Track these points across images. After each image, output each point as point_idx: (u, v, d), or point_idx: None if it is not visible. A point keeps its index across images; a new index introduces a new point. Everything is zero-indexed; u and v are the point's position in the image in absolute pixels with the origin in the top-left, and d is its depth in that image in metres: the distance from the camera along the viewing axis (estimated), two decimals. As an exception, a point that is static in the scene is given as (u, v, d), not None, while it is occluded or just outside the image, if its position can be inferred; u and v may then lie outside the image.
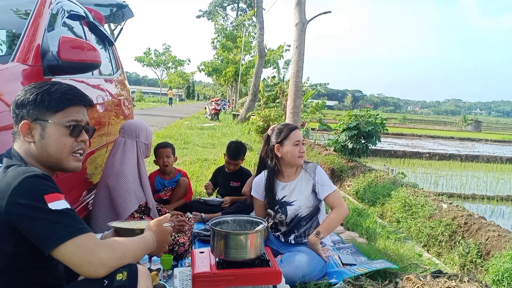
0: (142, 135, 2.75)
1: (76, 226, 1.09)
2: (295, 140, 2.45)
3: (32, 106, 1.26)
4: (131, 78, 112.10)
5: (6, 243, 1.12)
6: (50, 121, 1.28)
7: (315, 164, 2.55)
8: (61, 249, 1.05)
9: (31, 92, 1.28)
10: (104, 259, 1.09)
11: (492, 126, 49.96)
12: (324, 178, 2.49)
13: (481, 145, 19.20)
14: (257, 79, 16.43)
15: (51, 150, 1.28)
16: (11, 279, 1.15)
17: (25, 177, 1.09)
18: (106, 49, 3.51)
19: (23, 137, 1.27)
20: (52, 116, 1.28)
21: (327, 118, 15.67)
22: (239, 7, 47.71)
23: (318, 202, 2.50)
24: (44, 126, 1.27)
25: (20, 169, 1.14)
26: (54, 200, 1.09)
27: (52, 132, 1.28)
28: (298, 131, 2.51)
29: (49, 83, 1.34)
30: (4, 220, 1.07)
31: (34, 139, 1.27)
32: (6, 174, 1.13)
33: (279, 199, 2.50)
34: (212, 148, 8.34)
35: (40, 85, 1.32)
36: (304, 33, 6.68)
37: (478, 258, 3.22)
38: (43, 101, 1.27)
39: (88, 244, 1.08)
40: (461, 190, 7.41)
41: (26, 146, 1.28)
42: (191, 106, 41.27)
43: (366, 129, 6.87)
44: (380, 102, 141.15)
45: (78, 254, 1.06)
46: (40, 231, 1.06)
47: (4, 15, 2.25)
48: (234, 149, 3.61)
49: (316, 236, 2.32)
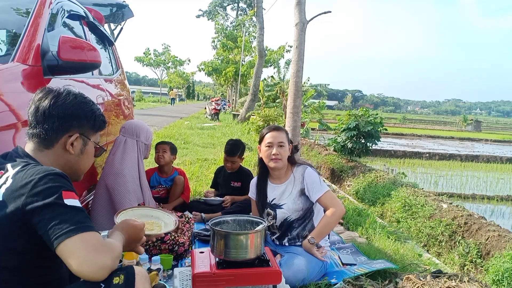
0: (143, 135, 2.76)
1: (86, 223, 1.10)
2: (266, 141, 2.42)
3: (85, 122, 1.33)
4: (131, 78, 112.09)
5: (16, 241, 1.12)
6: (91, 140, 1.37)
7: (304, 167, 2.46)
8: (68, 244, 1.04)
9: (80, 107, 1.32)
10: (106, 262, 1.08)
11: (492, 126, 49.96)
12: (314, 180, 2.40)
13: (481, 145, 19.20)
14: (257, 79, 16.42)
15: (82, 165, 1.38)
16: (17, 278, 1.15)
17: (46, 174, 1.12)
18: (106, 49, 3.51)
19: (62, 147, 1.29)
20: (93, 135, 1.38)
21: (327, 118, 15.69)
22: (239, 7, 47.71)
23: (309, 204, 2.45)
24: (86, 142, 1.35)
25: (40, 167, 1.16)
26: (70, 197, 1.11)
27: (90, 150, 1.38)
28: (273, 132, 2.42)
29: (88, 100, 1.38)
30: (20, 216, 1.09)
31: (74, 151, 1.31)
32: (26, 171, 1.14)
33: (270, 201, 2.50)
34: (212, 148, 8.34)
35: (89, 101, 1.37)
36: (304, 33, 6.67)
37: (478, 258, 3.22)
38: (94, 120, 1.36)
39: (95, 243, 1.08)
40: (461, 190, 7.42)
41: (57, 155, 1.29)
42: (191, 106, 41.26)
43: (365, 129, 6.87)
44: (380, 102, 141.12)
45: (83, 251, 1.05)
46: (52, 223, 1.06)
47: (4, 15, 2.25)
48: (231, 145, 3.61)
49: (310, 243, 2.31)
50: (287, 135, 2.50)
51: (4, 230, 1.11)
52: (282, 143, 2.41)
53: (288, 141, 2.47)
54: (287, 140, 2.46)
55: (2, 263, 1.12)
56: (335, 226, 2.46)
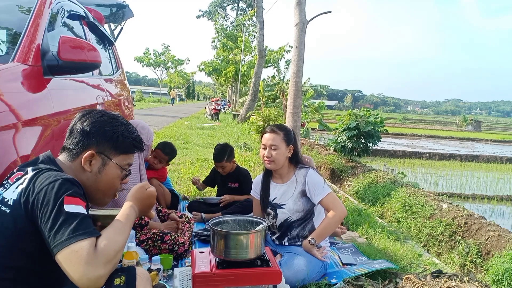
0: (143, 135, 2.75)
1: (81, 231, 1.06)
2: (262, 143, 2.44)
3: (104, 140, 1.31)
4: (131, 78, 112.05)
5: (28, 242, 1.13)
6: (113, 161, 1.33)
7: (307, 169, 2.45)
8: (62, 255, 1.03)
9: (102, 125, 1.31)
10: (99, 273, 1.03)
11: (492, 126, 49.95)
12: (317, 182, 2.39)
13: (481, 145, 19.21)
14: (257, 79, 16.43)
15: (101, 186, 1.33)
16: (24, 278, 1.15)
17: (56, 179, 1.13)
18: (106, 49, 3.51)
19: (81, 163, 1.29)
20: (116, 157, 1.34)
21: (326, 118, 15.69)
22: (239, 7, 47.74)
23: (311, 206, 2.45)
24: (105, 162, 1.32)
25: (54, 172, 1.18)
26: (72, 203, 1.10)
27: (110, 171, 1.33)
28: (268, 134, 2.41)
29: (124, 122, 1.37)
30: (31, 217, 1.10)
31: (91, 169, 1.30)
32: (42, 174, 1.16)
33: (271, 200, 2.50)
34: (212, 148, 8.31)
35: (116, 122, 1.35)
36: (304, 33, 6.68)
37: (478, 258, 3.22)
38: (116, 140, 1.32)
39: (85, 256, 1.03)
40: (461, 190, 7.42)
41: (77, 170, 1.30)
42: (191, 106, 41.26)
43: (366, 129, 6.87)
44: (380, 102, 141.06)
45: (75, 265, 1.02)
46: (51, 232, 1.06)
47: (4, 14, 2.25)
48: (216, 151, 3.59)
49: (310, 244, 2.31)
50: (286, 136, 2.42)
51: (16, 229, 1.12)
52: (274, 146, 2.37)
53: (287, 142, 2.42)
54: (283, 142, 2.40)
55: (12, 262, 1.13)
56: (336, 227, 2.45)
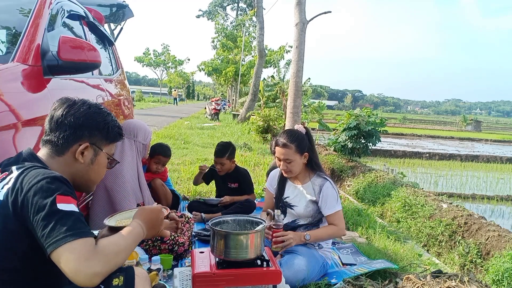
0: (140, 135, 2.75)
1: (77, 230, 1.06)
2: (276, 155, 2.44)
3: (97, 132, 1.33)
4: (131, 78, 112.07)
5: (17, 242, 1.12)
6: (104, 151, 1.37)
7: (324, 181, 2.41)
8: (59, 253, 1.03)
9: (92, 117, 1.32)
10: (97, 270, 1.04)
11: (492, 126, 49.95)
12: (330, 197, 2.36)
13: (481, 145, 19.20)
14: (257, 79, 16.43)
15: (92, 176, 1.37)
16: (19, 279, 1.14)
17: (44, 177, 1.12)
18: (106, 49, 3.51)
19: (73, 156, 1.30)
20: (105, 147, 1.38)
21: (326, 118, 15.67)
22: (239, 7, 47.71)
23: (321, 215, 2.44)
24: (97, 153, 1.35)
25: (41, 170, 1.16)
26: (64, 202, 1.09)
27: (101, 161, 1.37)
28: (279, 149, 2.38)
29: (107, 111, 1.39)
30: (21, 217, 1.09)
31: (84, 160, 1.31)
32: (28, 173, 1.15)
33: (284, 198, 2.51)
34: (212, 148, 8.28)
35: (103, 112, 1.37)
36: (304, 33, 6.68)
37: (478, 258, 3.22)
38: (107, 131, 1.35)
39: (84, 252, 1.04)
40: (461, 190, 7.42)
41: (67, 163, 1.30)
42: (191, 106, 41.24)
43: (366, 128, 6.87)
44: (380, 102, 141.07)
45: (73, 261, 1.02)
46: (44, 230, 1.05)
47: (4, 14, 2.25)
48: (219, 146, 3.59)
49: (304, 239, 2.30)
50: (298, 147, 2.37)
51: (4, 230, 1.10)
52: (288, 160, 2.37)
53: (301, 152, 2.38)
54: (297, 153, 2.37)
55: (5, 263, 1.12)
56: (329, 239, 2.46)
